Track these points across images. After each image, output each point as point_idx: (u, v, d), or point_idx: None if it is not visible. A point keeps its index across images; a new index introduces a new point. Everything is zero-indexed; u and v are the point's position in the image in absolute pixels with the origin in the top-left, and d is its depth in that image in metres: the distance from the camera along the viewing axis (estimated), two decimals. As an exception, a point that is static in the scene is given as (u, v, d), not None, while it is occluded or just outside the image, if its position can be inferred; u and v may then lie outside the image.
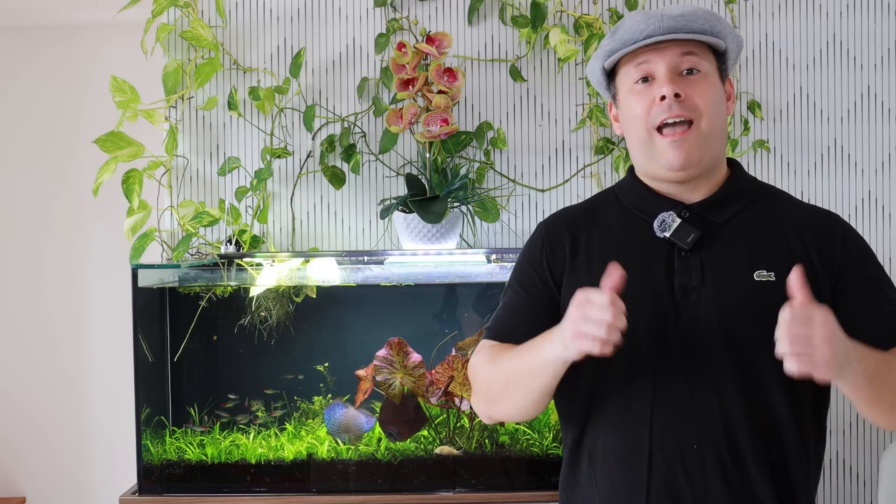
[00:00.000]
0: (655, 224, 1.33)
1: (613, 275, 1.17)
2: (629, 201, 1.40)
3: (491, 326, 1.41)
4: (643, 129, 1.32)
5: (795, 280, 1.14)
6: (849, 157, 2.28)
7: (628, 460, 1.30)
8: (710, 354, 1.27)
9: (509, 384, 1.31)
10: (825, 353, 1.10)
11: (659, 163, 1.32)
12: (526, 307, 1.39)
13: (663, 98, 1.29)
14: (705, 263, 1.30)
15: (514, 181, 2.27)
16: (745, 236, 1.33)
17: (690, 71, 1.31)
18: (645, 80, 1.32)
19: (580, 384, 1.35)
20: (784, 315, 1.11)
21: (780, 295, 1.25)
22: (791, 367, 1.10)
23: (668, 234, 1.32)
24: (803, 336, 1.09)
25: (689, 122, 1.29)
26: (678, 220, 1.32)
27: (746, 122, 2.25)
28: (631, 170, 1.43)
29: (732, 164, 1.41)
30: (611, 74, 1.40)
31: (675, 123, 1.29)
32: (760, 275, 1.29)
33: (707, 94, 1.30)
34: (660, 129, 1.30)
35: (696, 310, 1.29)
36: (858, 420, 2.26)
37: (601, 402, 1.34)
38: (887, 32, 2.28)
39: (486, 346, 1.39)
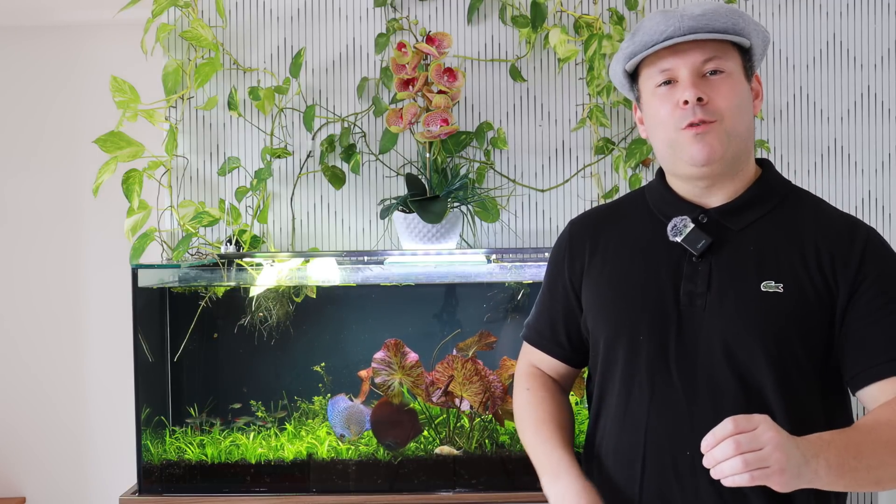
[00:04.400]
0: (668, 228, 1.33)
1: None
2: (652, 202, 1.40)
3: (527, 324, 1.54)
4: (669, 131, 1.30)
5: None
6: (849, 157, 2.28)
7: (625, 460, 1.31)
8: (709, 363, 1.26)
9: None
10: (778, 460, 1.06)
11: (683, 158, 1.30)
12: (551, 310, 1.49)
13: (686, 102, 1.27)
14: (714, 270, 1.29)
15: (514, 181, 2.27)
16: (759, 245, 1.30)
17: (714, 72, 1.28)
18: (667, 82, 1.30)
19: (596, 383, 1.40)
20: (726, 429, 1.08)
21: (785, 307, 1.25)
22: (741, 481, 1.06)
23: (679, 239, 1.31)
24: (757, 455, 1.06)
25: (712, 123, 1.27)
26: (691, 226, 1.31)
27: (746, 122, 2.25)
28: (660, 171, 1.42)
29: (764, 165, 1.38)
30: (633, 75, 1.38)
31: (697, 124, 1.27)
32: (768, 286, 1.26)
33: (730, 95, 1.28)
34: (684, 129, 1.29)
35: (700, 317, 1.28)
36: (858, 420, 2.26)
37: (608, 400, 1.36)
38: (887, 32, 2.28)
39: (527, 365, 1.53)
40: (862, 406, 1.35)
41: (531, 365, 1.53)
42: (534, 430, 1.43)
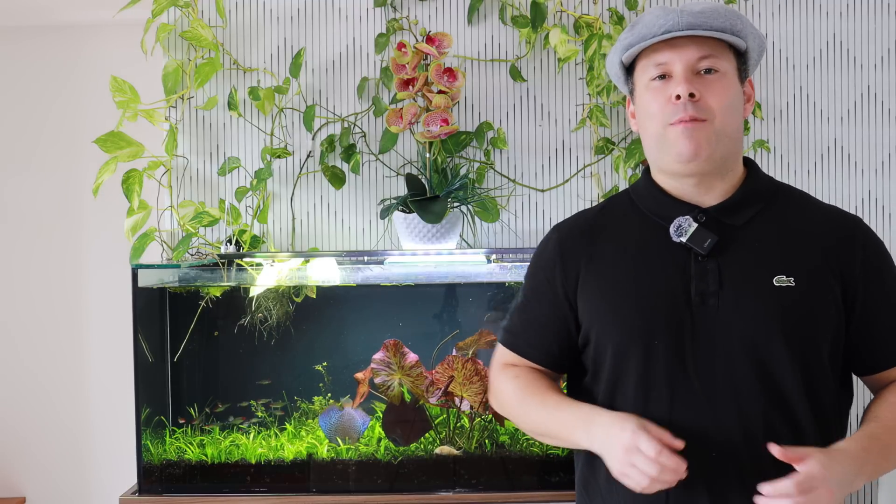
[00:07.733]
0: (672, 229, 1.32)
1: (665, 435, 1.21)
2: (644, 205, 1.39)
3: (507, 331, 1.46)
4: (658, 125, 1.31)
5: (782, 453, 1.19)
6: (849, 157, 2.28)
7: None
8: (728, 361, 1.26)
9: (539, 434, 1.42)
10: (828, 500, 1.17)
11: (670, 154, 1.30)
12: (539, 318, 1.42)
13: (678, 97, 1.28)
14: (723, 268, 1.29)
15: (514, 181, 2.27)
16: (763, 240, 1.31)
17: (708, 70, 1.29)
18: (662, 77, 1.31)
19: (600, 390, 1.35)
20: (789, 490, 1.16)
21: (800, 301, 1.27)
22: None
23: (684, 239, 1.30)
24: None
25: (702, 122, 1.28)
26: (694, 225, 1.30)
27: (746, 122, 2.24)
28: (646, 172, 1.41)
29: (749, 164, 1.39)
30: (629, 68, 1.38)
31: (688, 121, 1.28)
32: (780, 280, 1.28)
33: (722, 94, 1.29)
34: (673, 124, 1.29)
35: (714, 316, 1.28)
36: (858, 419, 2.25)
37: (619, 408, 1.32)
38: (887, 32, 2.28)
39: (506, 365, 1.45)
40: (864, 386, 1.41)
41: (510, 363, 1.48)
42: (540, 401, 1.36)
